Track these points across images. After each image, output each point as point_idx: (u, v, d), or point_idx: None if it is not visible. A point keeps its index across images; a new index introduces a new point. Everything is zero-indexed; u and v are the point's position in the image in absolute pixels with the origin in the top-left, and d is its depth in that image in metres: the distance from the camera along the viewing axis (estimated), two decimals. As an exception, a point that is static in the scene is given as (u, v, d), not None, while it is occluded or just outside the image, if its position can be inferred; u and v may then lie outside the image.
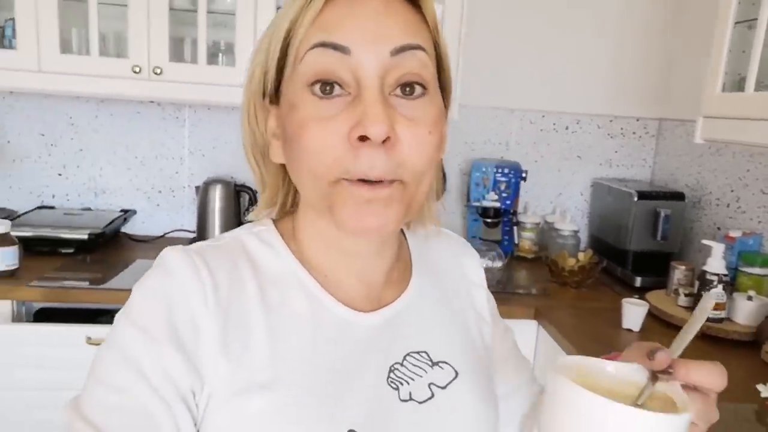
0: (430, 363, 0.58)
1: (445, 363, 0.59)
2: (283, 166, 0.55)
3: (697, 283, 1.49)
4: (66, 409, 0.47)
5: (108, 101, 1.96)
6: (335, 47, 0.47)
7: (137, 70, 1.61)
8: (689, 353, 0.46)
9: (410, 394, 0.56)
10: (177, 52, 1.75)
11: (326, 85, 0.48)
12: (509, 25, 2.05)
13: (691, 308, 1.50)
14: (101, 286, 1.55)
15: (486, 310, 0.68)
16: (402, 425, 0.54)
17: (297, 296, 0.54)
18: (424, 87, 0.49)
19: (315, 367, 0.52)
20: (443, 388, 0.58)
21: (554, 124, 2.14)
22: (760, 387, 1.15)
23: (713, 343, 1.40)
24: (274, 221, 0.60)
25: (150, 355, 0.47)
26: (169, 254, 0.51)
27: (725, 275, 1.43)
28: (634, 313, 1.47)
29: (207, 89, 1.67)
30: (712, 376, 0.45)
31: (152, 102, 1.97)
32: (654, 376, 0.46)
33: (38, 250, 1.70)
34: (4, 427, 1.44)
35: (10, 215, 1.86)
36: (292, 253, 0.56)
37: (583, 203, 2.20)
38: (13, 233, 1.55)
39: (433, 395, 0.57)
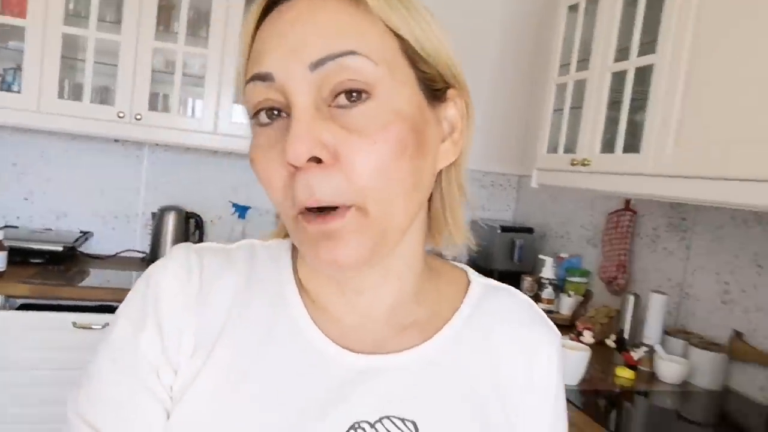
0: None
1: None
2: None
3: (535, 286, 2.11)
4: (67, 401, 0.49)
5: (78, 138, 2.33)
6: (261, 78, 0.44)
7: (122, 115, 2.04)
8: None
9: None
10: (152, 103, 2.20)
11: (270, 111, 0.45)
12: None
13: (534, 306, 2.12)
14: (78, 284, 1.91)
15: (517, 417, 0.53)
16: None
17: (279, 319, 0.50)
18: (367, 91, 0.43)
19: (276, 402, 0.47)
20: None
21: (441, 175, 2.77)
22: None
23: (547, 327, 2.02)
24: None
25: (138, 347, 0.48)
26: (173, 248, 0.53)
27: (554, 280, 2.07)
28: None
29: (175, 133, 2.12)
30: None
31: (117, 141, 2.36)
32: None
33: (11, 259, 2.00)
34: None
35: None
36: (294, 274, 0.53)
37: (463, 238, 2.82)
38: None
39: None
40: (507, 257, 2.47)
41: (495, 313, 0.56)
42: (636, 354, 1.62)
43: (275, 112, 0.45)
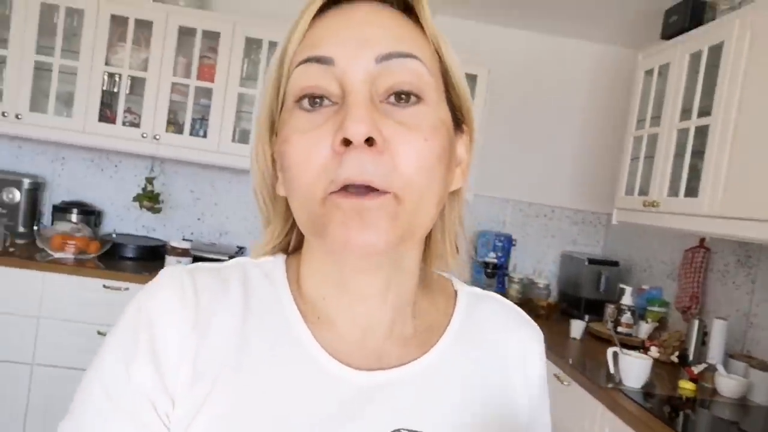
0: None
1: None
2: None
3: (616, 312, 2.39)
4: (58, 429, 0.47)
5: (239, 172, 2.94)
6: (318, 60, 0.46)
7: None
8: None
9: None
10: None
11: (314, 99, 0.46)
12: (504, 132, 3.07)
13: (612, 329, 2.39)
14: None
15: (524, 415, 0.57)
16: None
17: (281, 338, 0.50)
18: (418, 96, 0.46)
19: (288, 424, 0.47)
20: None
21: (536, 213, 3.11)
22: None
23: (626, 347, 2.28)
24: (287, 256, 0.57)
25: (131, 379, 0.46)
26: (162, 272, 0.51)
27: (632, 306, 2.34)
28: (577, 326, 2.36)
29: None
30: None
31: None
32: None
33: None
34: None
35: (165, 243, 2.79)
36: (291, 290, 0.53)
37: (554, 267, 3.12)
38: (189, 249, 2.48)
39: None
40: (594, 287, 2.75)
41: (486, 320, 0.59)
42: (697, 369, 1.87)
43: (317, 101, 0.46)
